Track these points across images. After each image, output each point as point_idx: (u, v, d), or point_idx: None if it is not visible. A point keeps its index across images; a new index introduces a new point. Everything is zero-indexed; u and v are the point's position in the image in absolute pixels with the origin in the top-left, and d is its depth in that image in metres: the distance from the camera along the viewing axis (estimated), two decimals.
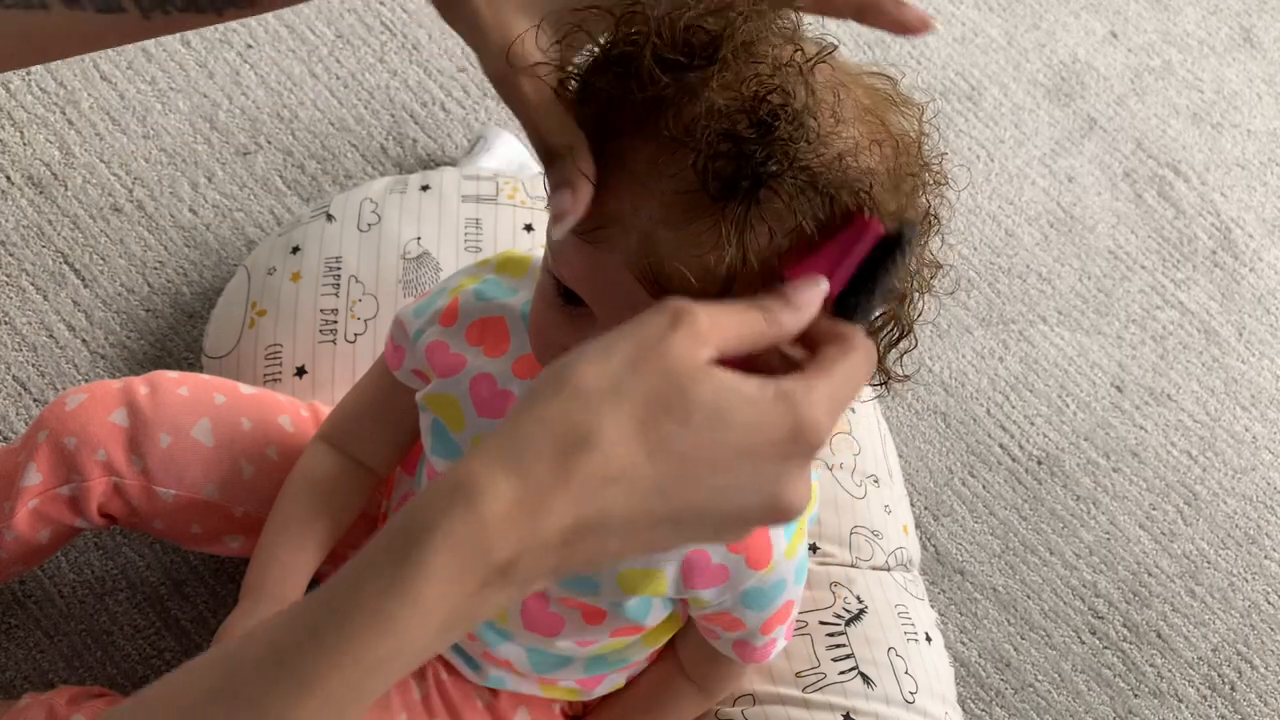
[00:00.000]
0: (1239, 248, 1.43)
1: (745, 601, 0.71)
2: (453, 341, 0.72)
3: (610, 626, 0.73)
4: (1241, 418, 1.32)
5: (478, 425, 0.70)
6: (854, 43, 1.44)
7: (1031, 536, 1.20)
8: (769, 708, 0.86)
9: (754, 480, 0.42)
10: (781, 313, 0.45)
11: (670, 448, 0.40)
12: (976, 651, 1.14)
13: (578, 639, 0.75)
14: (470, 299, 0.73)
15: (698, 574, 0.68)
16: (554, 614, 0.73)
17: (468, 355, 0.71)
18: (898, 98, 0.55)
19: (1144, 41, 1.56)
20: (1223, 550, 1.24)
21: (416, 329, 0.74)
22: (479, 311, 0.72)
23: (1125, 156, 1.46)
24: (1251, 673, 1.18)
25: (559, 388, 0.41)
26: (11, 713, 0.83)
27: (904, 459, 1.19)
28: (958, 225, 1.37)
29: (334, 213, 1.04)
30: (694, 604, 0.72)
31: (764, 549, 0.68)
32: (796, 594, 0.73)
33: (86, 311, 1.11)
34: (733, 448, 0.41)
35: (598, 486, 0.39)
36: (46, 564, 0.99)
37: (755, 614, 0.72)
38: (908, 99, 0.56)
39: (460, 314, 0.73)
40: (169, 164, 1.20)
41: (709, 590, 0.69)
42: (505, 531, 0.38)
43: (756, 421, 0.41)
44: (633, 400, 0.40)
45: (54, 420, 0.81)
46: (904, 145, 0.54)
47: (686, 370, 0.41)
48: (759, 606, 0.71)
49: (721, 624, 0.74)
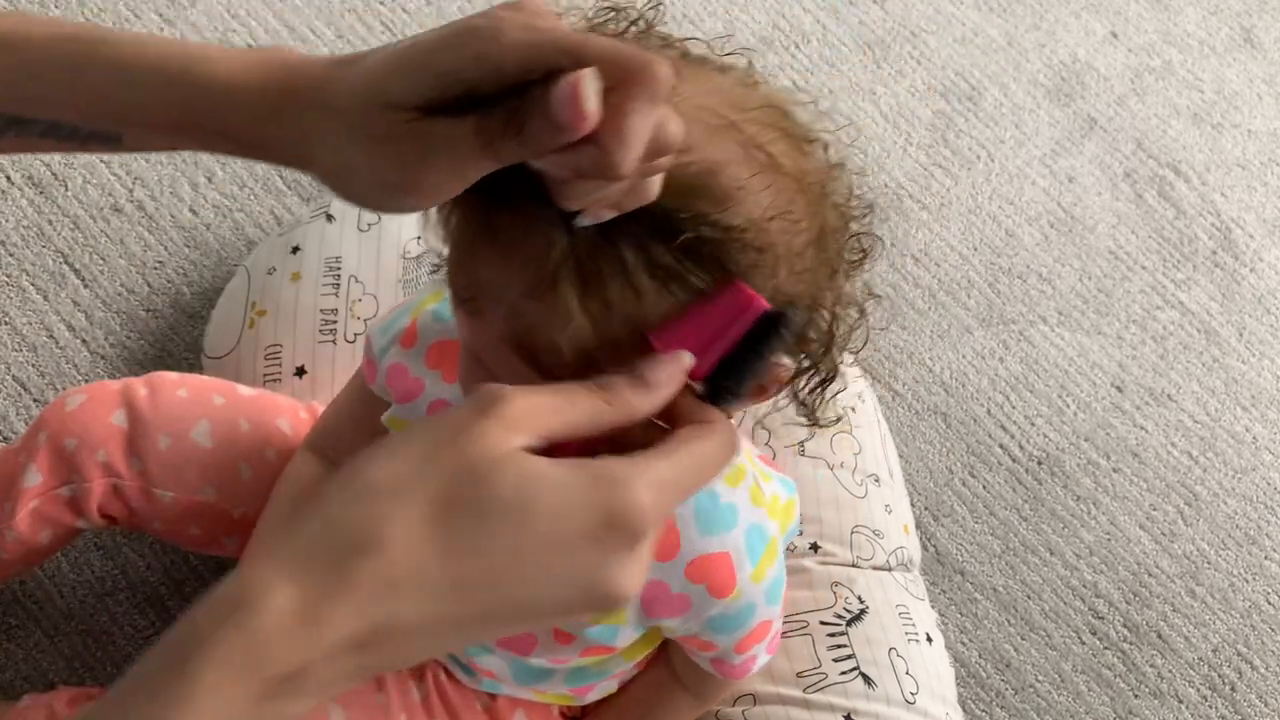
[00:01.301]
0: (1239, 248, 1.43)
1: (713, 627, 0.69)
2: (412, 365, 0.71)
3: (579, 647, 0.72)
4: (1242, 418, 1.32)
5: None
6: (854, 42, 1.44)
7: (1032, 537, 1.20)
8: (769, 708, 0.86)
9: (568, 570, 0.39)
10: (630, 392, 0.43)
11: (463, 545, 0.38)
12: (977, 652, 1.14)
13: (550, 657, 0.74)
14: (429, 320, 0.72)
15: (659, 604, 0.67)
16: (525, 633, 0.72)
17: (426, 380, 0.70)
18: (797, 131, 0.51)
19: (1144, 42, 1.56)
20: (1223, 551, 1.24)
21: (381, 347, 0.73)
22: (437, 334, 0.71)
23: (1125, 157, 1.46)
24: (1252, 673, 1.18)
25: (346, 486, 0.39)
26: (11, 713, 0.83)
27: (904, 459, 1.19)
28: (958, 225, 1.37)
29: (334, 212, 1.04)
30: (663, 629, 0.71)
31: (726, 577, 0.66)
32: (772, 614, 0.71)
33: (86, 311, 1.11)
34: (538, 538, 0.39)
35: (381, 590, 0.37)
36: (46, 564, 0.99)
37: (726, 637, 0.70)
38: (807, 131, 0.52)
39: (419, 336, 0.72)
40: (169, 164, 1.20)
41: (673, 619, 0.68)
42: (282, 643, 0.36)
43: (563, 508, 0.39)
44: (422, 497, 0.38)
45: (54, 421, 0.81)
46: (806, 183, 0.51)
47: (486, 460, 0.38)
48: (728, 630, 0.70)
49: (695, 645, 0.73)
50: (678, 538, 0.65)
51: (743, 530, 0.67)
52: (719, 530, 0.66)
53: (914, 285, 1.31)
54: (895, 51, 1.46)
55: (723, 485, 0.67)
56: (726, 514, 0.66)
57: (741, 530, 0.67)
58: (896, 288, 1.30)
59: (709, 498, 0.66)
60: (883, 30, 1.48)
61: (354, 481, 0.39)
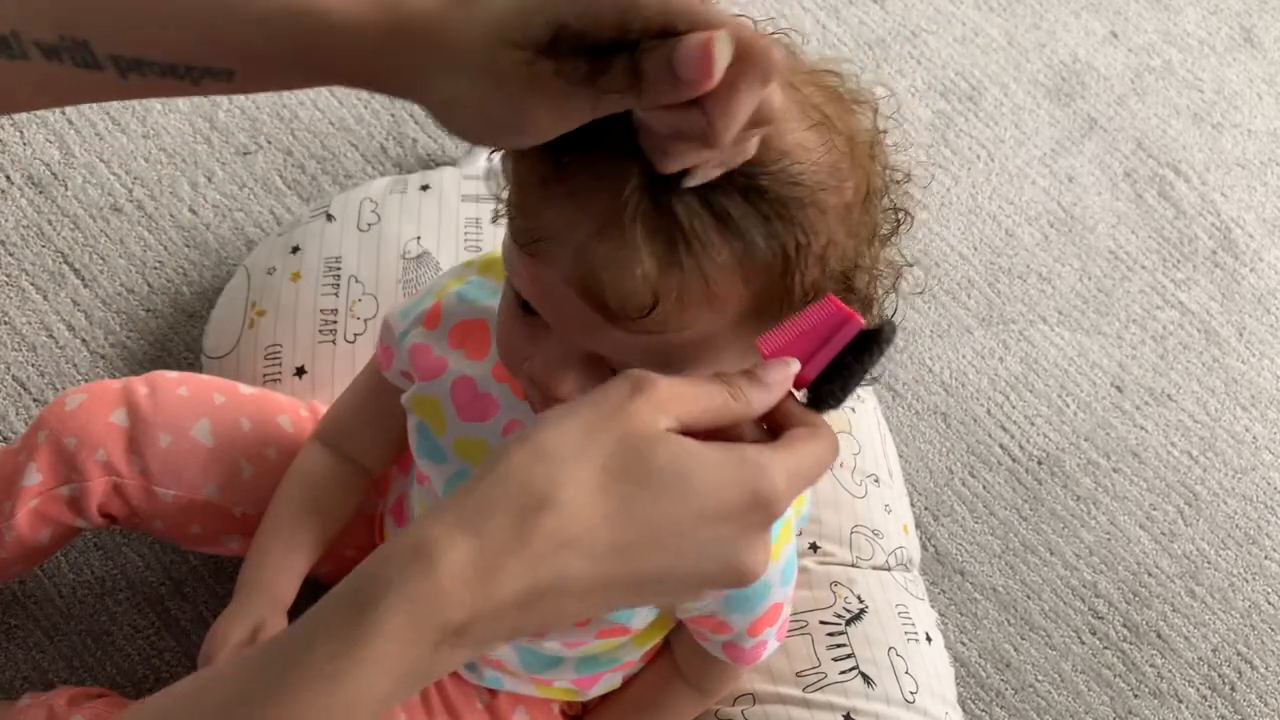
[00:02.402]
0: (1239, 248, 1.43)
1: (730, 605, 0.70)
2: (435, 344, 0.72)
3: (596, 628, 0.73)
4: (1242, 418, 1.32)
5: (459, 429, 0.70)
6: (854, 42, 1.44)
7: (1031, 536, 1.20)
8: (769, 707, 0.86)
9: (713, 545, 0.42)
10: (749, 390, 0.45)
11: (629, 511, 0.40)
12: (976, 651, 1.14)
13: (564, 640, 0.75)
14: (453, 301, 0.73)
15: None
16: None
17: (449, 358, 0.71)
18: (848, 94, 0.54)
19: (1144, 41, 1.56)
20: (1223, 550, 1.24)
21: (402, 330, 0.74)
22: (461, 314, 0.72)
23: (1125, 156, 1.46)
24: (1251, 673, 1.18)
25: (519, 450, 0.41)
26: (12, 713, 0.83)
27: (904, 459, 1.19)
28: (958, 225, 1.37)
29: (334, 212, 1.04)
30: (678, 608, 0.72)
31: None
32: (784, 596, 0.73)
33: (86, 311, 1.11)
34: (692, 511, 0.41)
35: (555, 549, 0.39)
36: (46, 564, 0.99)
37: (741, 617, 0.71)
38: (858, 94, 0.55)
39: (443, 316, 0.73)
40: (169, 164, 1.20)
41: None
42: (460, 594, 0.38)
43: (717, 486, 0.41)
44: (592, 463, 0.40)
45: (54, 420, 0.81)
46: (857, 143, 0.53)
47: (646, 434, 0.41)
48: (744, 610, 0.71)
49: (708, 627, 0.74)
50: None
51: None
52: None
53: (914, 285, 1.31)
54: (895, 51, 1.46)
55: None
56: None
57: None
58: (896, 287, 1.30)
59: None
60: (883, 30, 1.48)
61: (525, 447, 0.41)
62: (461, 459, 0.70)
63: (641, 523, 0.40)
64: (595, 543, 0.40)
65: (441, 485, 0.71)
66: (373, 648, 0.38)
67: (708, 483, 0.41)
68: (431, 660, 0.39)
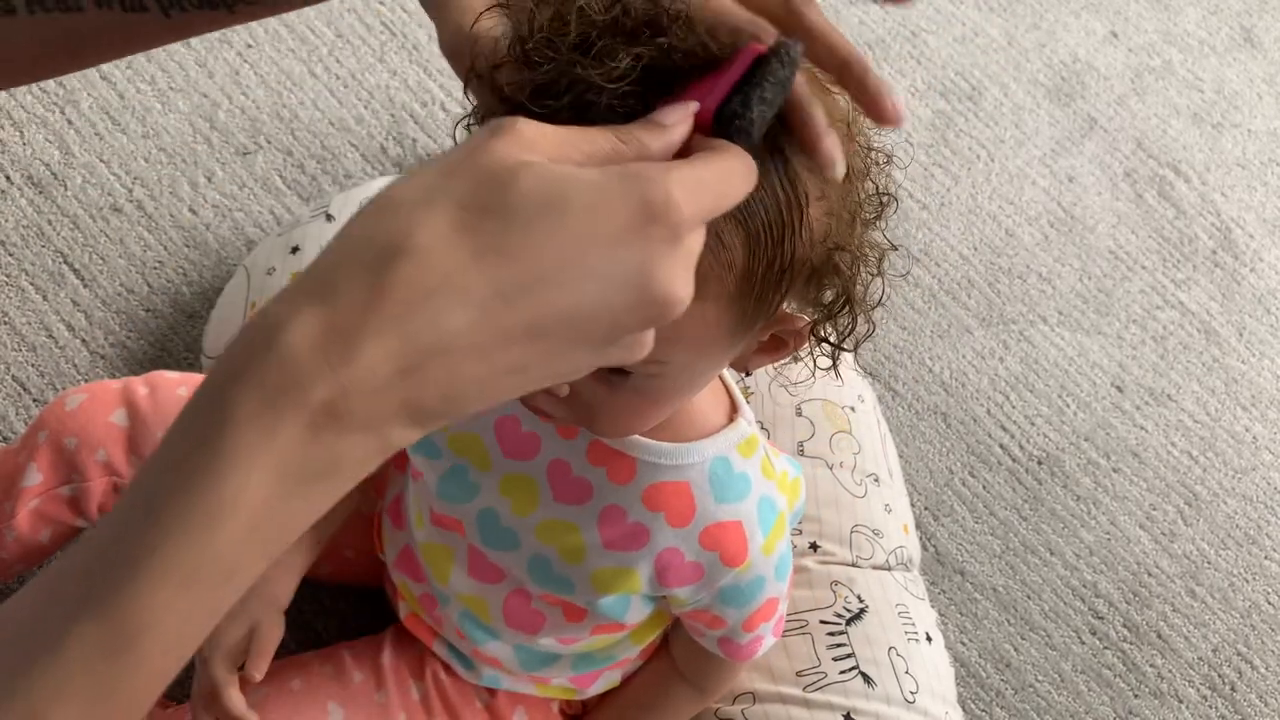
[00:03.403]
0: (1239, 248, 1.43)
1: (723, 599, 0.70)
2: None
3: (591, 624, 0.73)
4: (1242, 418, 1.32)
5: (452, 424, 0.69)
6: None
7: (1032, 537, 1.20)
8: (769, 707, 0.86)
9: (612, 267, 0.37)
10: (641, 132, 0.41)
11: (500, 246, 0.36)
12: (977, 651, 1.14)
13: (559, 636, 0.75)
14: None
15: (672, 572, 0.68)
16: (535, 610, 0.73)
17: None
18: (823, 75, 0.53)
19: (1144, 41, 1.56)
20: (1223, 550, 1.24)
21: None
22: None
23: (1125, 156, 1.46)
24: (1251, 673, 1.18)
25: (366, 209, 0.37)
26: None
27: (904, 459, 1.19)
28: (958, 225, 1.37)
29: (334, 213, 1.04)
30: (673, 602, 0.72)
31: (738, 546, 0.68)
32: (779, 590, 0.72)
33: (86, 311, 1.11)
34: (575, 235, 0.36)
35: (421, 299, 0.35)
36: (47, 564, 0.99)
37: (735, 611, 0.71)
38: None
39: None
40: (169, 164, 1.20)
41: (684, 589, 0.69)
42: (315, 364, 0.34)
43: (596, 203, 0.37)
44: (446, 203, 0.36)
45: (54, 420, 0.81)
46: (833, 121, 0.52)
47: (505, 167, 0.37)
48: (738, 604, 0.71)
49: (703, 621, 0.74)
50: (694, 503, 0.66)
51: (755, 500, 0.68)
52: (733, 499, 0.67)
53: (914, 285, 1.31)
54: (895, 51, 1.46)
55: (736, 454, 0.68)
56: (740, 483, 0.67)
57: (754, 500, 0.68)
58: (896, 287, 1.30)
59: (723, 465, 0.67)
60: (883, 30, 1.48)
61: (374, 202, 0.37)
62: (456, 454, 0.70)
63: (518, 257, 0.36)
64: (469, 287, 0.35)
65: (435, 482, 0.71)
66: (231, 439, 0.34)
67: (585, 202, 0.37)
68: (314, 447, 0.35)
